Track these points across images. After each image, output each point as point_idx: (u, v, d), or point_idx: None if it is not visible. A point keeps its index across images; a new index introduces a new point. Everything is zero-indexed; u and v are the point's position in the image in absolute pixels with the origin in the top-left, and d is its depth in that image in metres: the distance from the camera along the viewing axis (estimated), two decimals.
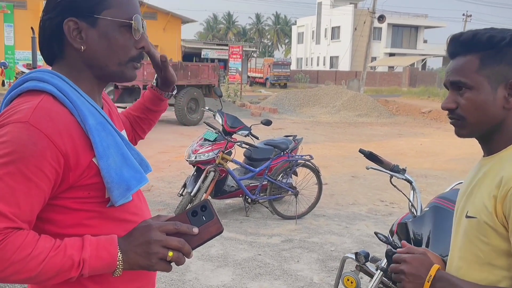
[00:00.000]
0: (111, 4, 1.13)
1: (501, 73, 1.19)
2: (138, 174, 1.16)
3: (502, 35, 1.19)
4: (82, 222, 1.11)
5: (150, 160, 8.77)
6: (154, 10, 32.82)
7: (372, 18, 23.06)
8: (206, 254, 4.44)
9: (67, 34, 1.11)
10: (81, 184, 1.09)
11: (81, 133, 1.09)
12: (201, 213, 1.16)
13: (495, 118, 1.22)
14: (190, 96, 13.52)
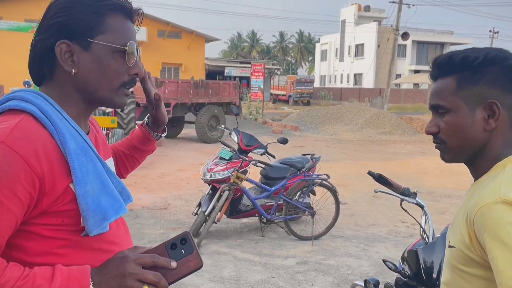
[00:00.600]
0: (106, 29, 1.11)
1: (479, 94, 1.14)
2: (116, 203, 1.10)
3: (476, 55, 1.15)
4: (53, 250, 1.05)
5: (169, 177, 8.80)
6: (179, 29, 33.35)
7: (396, 35, 22.87)
8: (218, 276, 4.34)
9: (59, 56, 1.08)
10: (55, 210, 1.03)
11: (60, 156, 1.03)
12: (180, 246, 1.10)
13: (477, 141, 1.16)
14: (211, 114, 13.55)
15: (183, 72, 32.81)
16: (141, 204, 6.92)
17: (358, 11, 52.18)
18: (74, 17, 1.08)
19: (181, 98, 13.28)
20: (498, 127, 1.15)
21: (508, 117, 1.15)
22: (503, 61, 1.14)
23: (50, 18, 1.08)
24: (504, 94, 1.14)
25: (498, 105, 1.13)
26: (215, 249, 5.05)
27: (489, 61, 1.14)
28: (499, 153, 1.16)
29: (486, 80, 1.14)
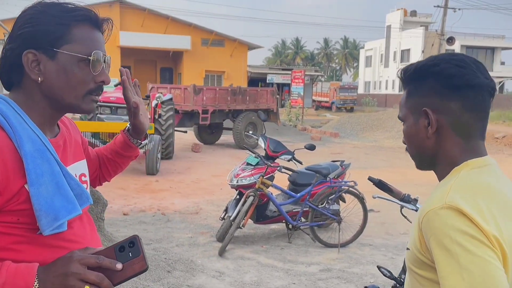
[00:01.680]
0: (72, 39, 1.16)
1: (417, 103, 1.18)
2: (70, 205, 1.14)
3: (410, 66, 1.20)
4: (9, 246, 1.10)
5: (203, 183, 8.94)
6: (222, 37, 33.85)
7: (441, 40, 22.26)
8: (240, 281, 4.37)
9: (25, 65, 1.14)
10: (10, 209, 1.08)
11: (16, 158, 1.09)
12: (128, 249, 1.13)
13: (426, 148, 1.19)
14: (248, 121, 13.65)
15: (225, 79, 33.23)
16: (173, 208, 7.06)
17: (404, 16, 51.14)
18: (40, 27, 1.14)
19: (219, 105, 13.46)
20: (441, 133, 1.15)
21: (448, 123, 1.14)
22: (432, 68, 1.15)
23: (18, 28, 1.15)
24: (441, 100, 1.14)
25: (429, 112, 1.15)
26: (240, 254, 5.09)
27: (420, 70, 1.17)
28: (454, 157, 1.16)
29: (424, 90, 1.17)
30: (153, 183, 8.73)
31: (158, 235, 5.63)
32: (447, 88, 1.13)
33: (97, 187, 1.71)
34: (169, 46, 31.61)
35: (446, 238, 1.00)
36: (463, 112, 1.13)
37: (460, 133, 1.14)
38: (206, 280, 4.34)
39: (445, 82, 1.13)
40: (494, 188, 1.08)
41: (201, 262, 4.78)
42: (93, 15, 1.21)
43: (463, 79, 1.12)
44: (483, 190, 1.07)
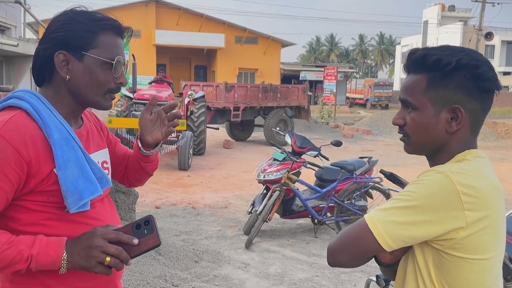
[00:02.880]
0: (98, 45, 1.33)
1: (446, 97, 1.19)
2: (92, 186, 1.31)
3: (449, 59, 1.17)
4: (41, 222, 1.28)
5: (233, 178, 9.11)
6: (255, 35, 33.99)
7: (479, 35, 21.70)
8: (264, 272, 4.50)
9: (56, 64, 1.31)
10: (41, 190, 1.26)
11: (46, 145, 1.26)
12: (144, 227, 1.30)
13: (437, 141, 1.22)
14: (279, 118, 13.75)
15: (259, 76, 33.36)
16: (204, 202, 7.26)
17: (442, 11, 49.98)
18: (71, 33, 1.31)
19: (250, 102, 13.62)
20: (460, 130, 1.20)
21: (469, 121, 1.20)
22: (473, 69, 1.17)
23: (52, 32, 1.32)
24: (469, 99, 1.18)
25: (462, 110, 1.18)
26: (266, 247, 5.22)
27: (461, 66, 1.17)
28: (457, 151, 1.22)
29: (454, 85, 1.18)
30: (185, 178, 8.97)
31: (187, 228, 5.83)
32: (478, 89, 1.18)
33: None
34: (203, 44, 32.00)
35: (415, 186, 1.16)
36: (481, 113, 1.21)
37: (473, 130, 1.22)
38: (232, 270, 4.49)
39: (481, 84, 1.17)
40: (492, 179, 1.19)
41: (227, 253, 4.94)
42: (117, 24, 1.37)
43: (495, 84, 1.19)
44: (481, 176, 1.17)
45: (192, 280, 4.02)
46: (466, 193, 1.10)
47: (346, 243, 1.19)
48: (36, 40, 16.49)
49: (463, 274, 1.15)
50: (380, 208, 1.17)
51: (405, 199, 1.14)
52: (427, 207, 1.11)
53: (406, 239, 1.14)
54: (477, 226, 1.12)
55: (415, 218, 1.12)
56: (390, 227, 1.13)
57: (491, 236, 1.14)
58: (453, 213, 1.10)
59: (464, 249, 1.13)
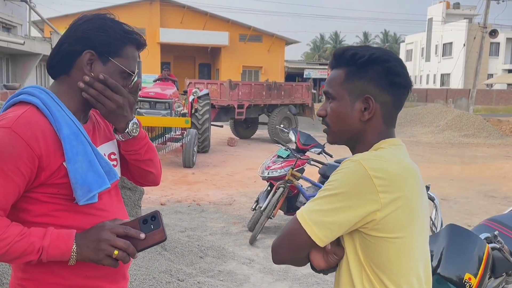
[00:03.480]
0: (123, 55, 1.41)
1: (360, 88, 1.30)
2: (101, 179, 1.36)
3: (363, 54, 1.29)
4: (50, 213, 1.33)
5: (238, 176, 9.16)
6: (260, 33, 34.01)
7: (483, 33, 21.64)
8: (268, 267, 4.55)
9: (84, 60, 1.37)
10: (51, 183, 1.31)
11: (56, 140, 1.31)
12: (150, 222, 1.35)
13: (353, 129, 1.32)
14: (283, 115, 13.79)
15: (263, 74, 33.38)
16: (208, 199, 7.32)
17: (447, 8, 49.77)
18: (105, 38, 1.38)
19: (254, 100, 13.67)
20: (372, 120, 1.31)
21: (381, 112, 1.31)
22: (384, 63, 1.29)
23: (84, 31, 1.38)
24: (380, 92, 1.30)
25: (373, 100, 1.29)
26: (270, 243, 5.26)
27: (373, 60, 1.29)
28: (373, 141, 1.32)
29: (367, 78, 1.29)
30: (190, 175, 9.03)
31: (192, 224, 5.88)
32: (389, 83, 1.29)
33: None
34: (207, 42, 32.06)
35: (338, 175, 1.24)
36: (392, 106, 1.32)
37: (386, 122, 1.33)
38: (237, 266, 4.54)
39: (391, 78, 1.29)
40: (405, 163, 1.28)
41: (232, 249, 5.00)
42: (142, 40, 1.45)
43: (405, 80, 1.31)
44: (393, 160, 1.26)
45: (197, 275, 4.07)
46: (378, 176, 1.19)
47: (283, 239, 1.28)
48: (42, 38, 16.58)
49: (386, 254, 1.23)
50: (309, 202, 1.27)
51: (328, 189, 1.23)
52: (346, 193, 1.20)
53: (330, 225, 1.21)
54: (393, 206, 1.20)
55: (337, 205, 1.20)
56: (315, 215, 1.21)
57: (406, 214, 1.22)
58: (369, 196, 1.19)
59: (383, 229, 1.21)
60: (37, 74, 16.70)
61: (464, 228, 2.09)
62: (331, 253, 1.27)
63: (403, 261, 1.24)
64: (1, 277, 2.77)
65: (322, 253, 1.29)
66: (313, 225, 1.21)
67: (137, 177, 1.63)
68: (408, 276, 1.25)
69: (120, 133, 1.48)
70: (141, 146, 1.53)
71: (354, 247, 1.26)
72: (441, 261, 1.95)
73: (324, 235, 1.21)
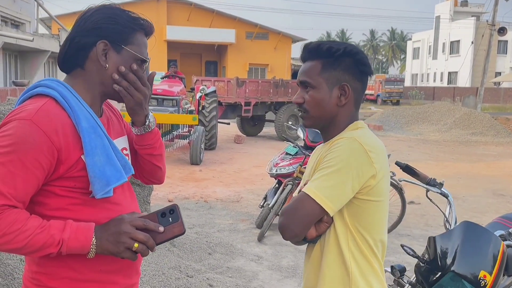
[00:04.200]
0: (134, 42, 1.41)
1: (336, 77, 1.51)
2: (118, 173, 1.35)
3: (338, 47, 1.50)
4: (67, 207, 1.32)
5: (245, 173, 9.16)
6: (266, 30, 33.94)
7: (492, 30, 21.48)
8: (277, 264, 4.55)
9: (98, 51, 1.36)
10: (69, 176, 1.30)
11: (74, 133, 1.30)
12: (169, 215, 1.34)
13: (331, 113, 1.52)
14: (290, 113, 13.76)
15: (269, 72, 33.33)
16: (216, 196, 7.32)
17: (454, 6, 49.45)
18: (116, 26, 1.37)
19: (261, 97, 13.65)
20: (347, 104, 1.53)
21: (353, 98, 1.53)
22: (355, 55, 1.51)
23: (94, 22, 1.37)
24: (353, 80, 1.52)
25: (349, 87, 1.51)
26: (278, 241, 5.26)
27: (347, 53, 1.50)
28: (345, 122, 1.54)
29: (342, 68, 1.50)
30: (197, 173, 9.04)
31: (200, 221, 5.89)
32: (360, 72, 1.52)
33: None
34: (214, 40, 32.04)
35: (340, 152, 1.43)
36: (361, 91, 1.55)
37: (356, 106, 1.56)
38: (245, 263, 4.54)
39: (362, 68, 1.52)
40: (380, 141, 1.51)
41: (240, 246, 5.00)
42: (150, 25, 1.45)
43: (370, 69, 1.54)
44: (375, 139, 1.50)
45: (206, 271, 4.07)
46: (371, 150, 1.42)
47: (295, 216, 1.43)
48: (50, 35, 16.64)
49: (372, 214, 1.46)
50: (313, 179, 1.44)
51: (329, 166, 1.42)
52: (348, 166, 1.40)
53: (341, 197, 1.41)
54: (380, 175, 1.43)
55: (343, 178, 1.40)
56: (327, 191, 1.40)
57: (386, 183, 1.48)
58: (367, 167, 1.41)
59: (373, 194, 1.44)
60: (45, 71, 16.76)
61: (479, 225, 2.07)
62: (323, 222, 1.43)
63: (381, 220, 1.49)
64: (13, 272, 2.78)
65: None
66: (326, 199, 1.39)
67: (145, 173, 1.61)
68: (383, 232, 1.50)
69: (138, 126, 1.49)
70: (155, 140, 1.55)
71: (341, 212, 1.45)
72: (455, 258, 1.93)
73: (337, 206, 1.41)
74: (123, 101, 1.43)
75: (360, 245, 1.45)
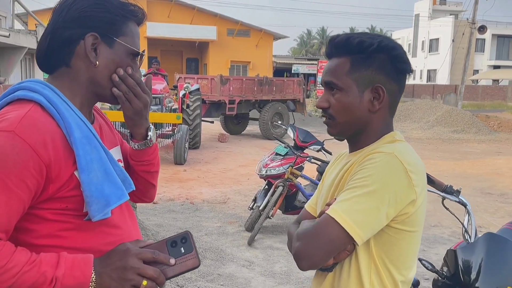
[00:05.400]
0: (127, 33, 1.20)
1: (368, 77, 1.25)
2: (119, 191, 1.14)
3: (371, 41, 1.23)
4: (57, 233, 1.10)
5: (230, 173, 8.97)
6: (248, 27, 33.73)
7: (472, 29, 21.68)
8: (270, 270, 4.38)
9: (87, 46, 1.14)
10: (60, 196, 1.09)
11: (66, 145, 1.09)
12: (180, 244, 1.14)
13: (361, 120, 1.27)
14: (275, 111, 13.62)
15: (251, 69, 33.16)
16: (202, 197, 7.12)
17: (433, 4, 50.00)
18: (106, 15, 1.15)
19: (245, 95, 13.47)
20: (381, 110, 1.27)
21: (389, 102, 1.27)
22: (392, 51, 1.25)
23: (80, 10, 1.14)
24: (388, 81, 1.26)
25: (384, 90, 1.25)
26: (269, 244, 5.10)
27: (381, 48, 1.24)
28: (380, 131, 1.29)
29: (375, 66, 1.25)
30: (181, 173, 8.82)
31: (187, 224, 5.68)
32: (397, 71, 1.26)
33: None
34: (195, 37, 31.69)
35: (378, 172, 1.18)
36: (398, 94, 1.29)
37: (391, 111, 1.30)
38: (236, 269, 4.36)
39: (399, 66, 1.26)
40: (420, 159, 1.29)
41: (230, 251, 4.82)
42: (143, 12, 1.24)
43: (410, 66, 1.28)
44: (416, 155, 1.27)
45: (196, 279, 3.89)
46: (412, 170, 1.18)
47: (315, 242, 1.19)
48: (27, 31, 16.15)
49: (403, 246, 1.22)
50: (341, 200, 1.18)
51: (362, 186, 1.16)
52: (385, 188, 1.15)
53: (374, 225, 1.17)
54: (420, 199, 1.21)
55: (377, 202, 1.15)
56: (356, 216, 1.15)
57: (424, 210, 1.25)
58: (406, 190, 1.17)
59: (410, 223, 1.21)
60: (22, 68, 16.27)
61: (503, 236, 1.94)
62: (344, 249, 1.21)
63: (413, 254, 1.26)
64: None
65: None
66: (356, 226, 1.15)
67: (137, 191, 1.34)
68: (413, 267, 1.26)
69: (138, 140, 1.28)
70: (154, 156, 1.35)
71: (367, 241, 1.20)
72: (480, 273, 1.79)
73: (366, 235, 1.17)
74: (113, 103, 1.22)
75: (384, 282, 1.21)
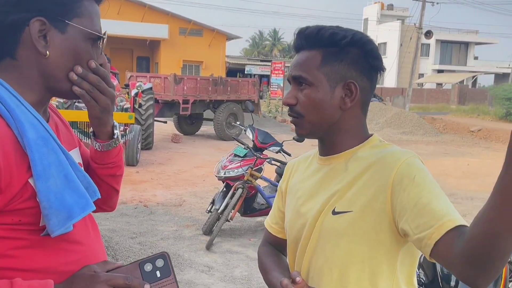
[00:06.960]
0: (82, 12, 1.01)
1: (340, 72, 1.16)
2: (83, 200, 0.97)
3: (344, 34, 1.15)
4: (9, 252, 0.93)
5: (185, 174, 8.76)
6: (200, 27, 33.40)
7: (419, 34, 22.45)
8: (229, 275, 4.25)
9: (33, 34, 0.96)
10: (11, 209, 0.91)
11: (17, 148, 0.91)
12: (155, 268, 0.99)
13: (332, 118, 1.17)
14: (229, 111, 13.50)
15: (203, 69, 32.87)
16: (156, 200, 6.89)
17: (381, 9, 51.53)
18: None
19: (200, 95, 13.25)
20: (352, 107, 1.17)
21: (361, 99, 1.18)
22: (365, 45, 1.16)
23: None
24: (361, 77, 1.17)
25: (357, 86, 1.15)
26: (228, 248, 4.97)
27: (355, 42, 1.15)
28: (357, 132, 1.20)
29: (348, 60, 1.15)
30: (134, 174, 8.52)
31: (141, 228, 5.45)
32: (370, 67, 1.17)
33: None
34: (146, 35, 31.05)
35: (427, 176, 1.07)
36: (369, 92, 1.20)
37: (363, 109, 1.21)
38: (195, 275, 4.20)
39: (372, 62, 1.17)
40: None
41: (188, 256, 4.65)
42: None
43: (382, 64, 1.19)
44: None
45: None
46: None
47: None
48: None
49: (416, 254, 1.16)
50: (440, 199, 1.04)
51: (430, 180, 1.07)
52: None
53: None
54: None
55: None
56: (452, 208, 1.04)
57: None
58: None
59: None
60: None
61: None
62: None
63: (416, 261, 1.19)
64: None
65: None
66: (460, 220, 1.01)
67: (99, 200, 1.12)
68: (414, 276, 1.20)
69: (104, 140, 1.11)
70: (120, 158, 1.19)
71: (393, 255, 1.12)
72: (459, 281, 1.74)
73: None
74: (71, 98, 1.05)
75: None
